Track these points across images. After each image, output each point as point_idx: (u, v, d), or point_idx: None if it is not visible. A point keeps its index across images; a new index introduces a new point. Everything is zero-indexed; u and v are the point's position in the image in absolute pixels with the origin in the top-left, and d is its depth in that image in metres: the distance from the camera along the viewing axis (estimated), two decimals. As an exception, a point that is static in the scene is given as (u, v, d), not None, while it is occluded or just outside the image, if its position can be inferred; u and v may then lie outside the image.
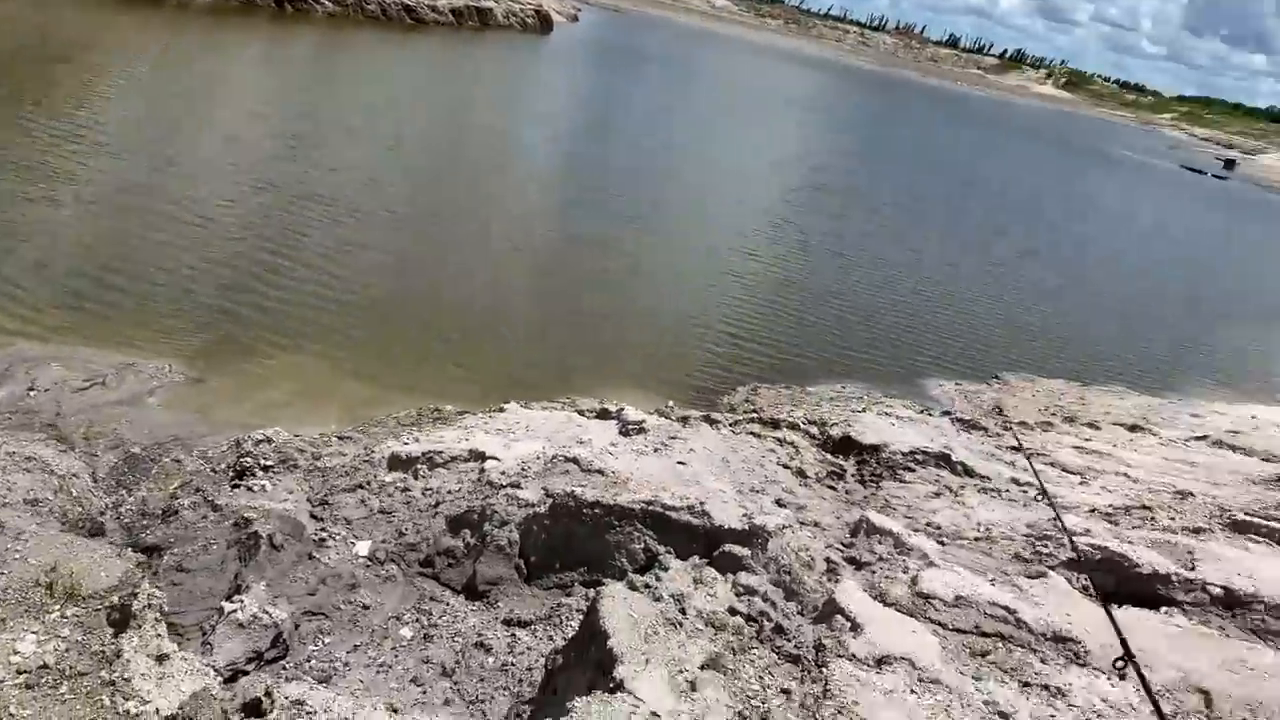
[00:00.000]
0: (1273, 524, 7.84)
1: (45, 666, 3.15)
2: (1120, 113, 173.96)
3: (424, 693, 5.24)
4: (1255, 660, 5.09)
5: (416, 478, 7.32)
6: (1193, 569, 6.55)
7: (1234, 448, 11.88)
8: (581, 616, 5.75)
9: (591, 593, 6.24)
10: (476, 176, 22.26)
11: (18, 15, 28.01)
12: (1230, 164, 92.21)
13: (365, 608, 5.98)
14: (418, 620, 6.00)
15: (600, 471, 7.12)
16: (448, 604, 6.22)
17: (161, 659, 3.77)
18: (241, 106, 23.39)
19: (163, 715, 3.34)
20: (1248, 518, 8.05)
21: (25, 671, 3.10)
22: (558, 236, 18.85)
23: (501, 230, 18.31)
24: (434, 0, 50.62)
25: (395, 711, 4.30)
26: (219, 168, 17.61)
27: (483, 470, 7.25)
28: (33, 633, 3.28)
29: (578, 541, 6.56)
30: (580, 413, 9.27)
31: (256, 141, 20.25)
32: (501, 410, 9.00)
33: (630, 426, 8.66)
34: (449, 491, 7.05)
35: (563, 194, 22.79)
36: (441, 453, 7.57)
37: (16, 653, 3.15)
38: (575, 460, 7.29)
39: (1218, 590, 6.31)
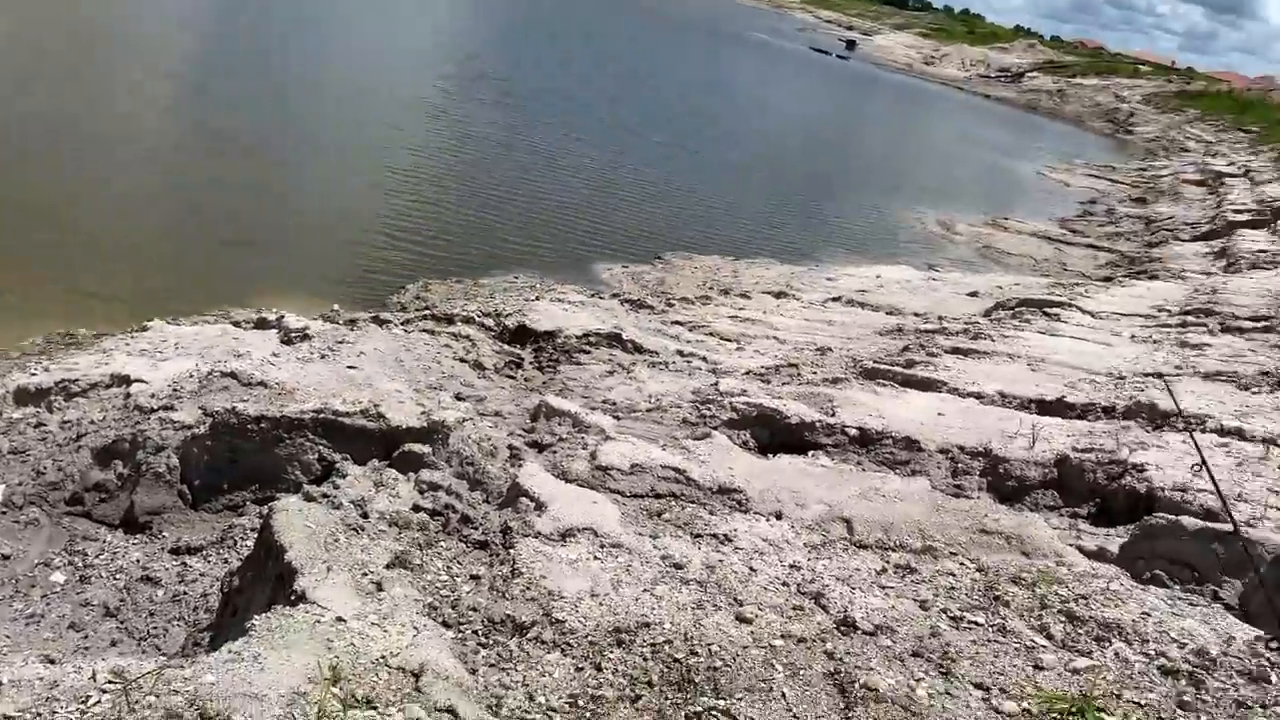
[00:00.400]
0: (895, 369, 8.86)
1: None
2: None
3: (85, 638, 4.81)
4: (885, 488, 5.75)
5: (51, 410, 6.57)
6: (833, 415, 7.26)
7: (863, 305, 13.27)
8: (256, 535, 5.49)
9: (265, 510, 5.96)
10: (94, 79, 19.74)
11: None
12: (851, 45, 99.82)
13: (5, 558, 5.36)
14: (71, 563, 5.46)
15: (263, 384, 6.74)
16: (105, 541, 5.71)
17: None
18: None
19: None
20: (876, 365, 9.05)
21: None
22: (196, 141, 17.22)
23: (134, 135, 16.46)
24: None
25: (52, 662, 3.91)
26: None
27: (129, 395, 6.63)
28: None
29: (245, 459, 6.20)
30: (236, 324, 8.69)
31: None
32: (145, 329, 8.24)
33: (293, 334, 8.24)
34: (92, 422, 6.39)
35: (198, 95, 20.77)
36: (78, 380, 6.83)
37: None
38: (234, 375, 6.84)
39: (854, 431, 7.05)
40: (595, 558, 4.41)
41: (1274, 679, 3.47)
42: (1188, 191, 31.88)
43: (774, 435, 7.21)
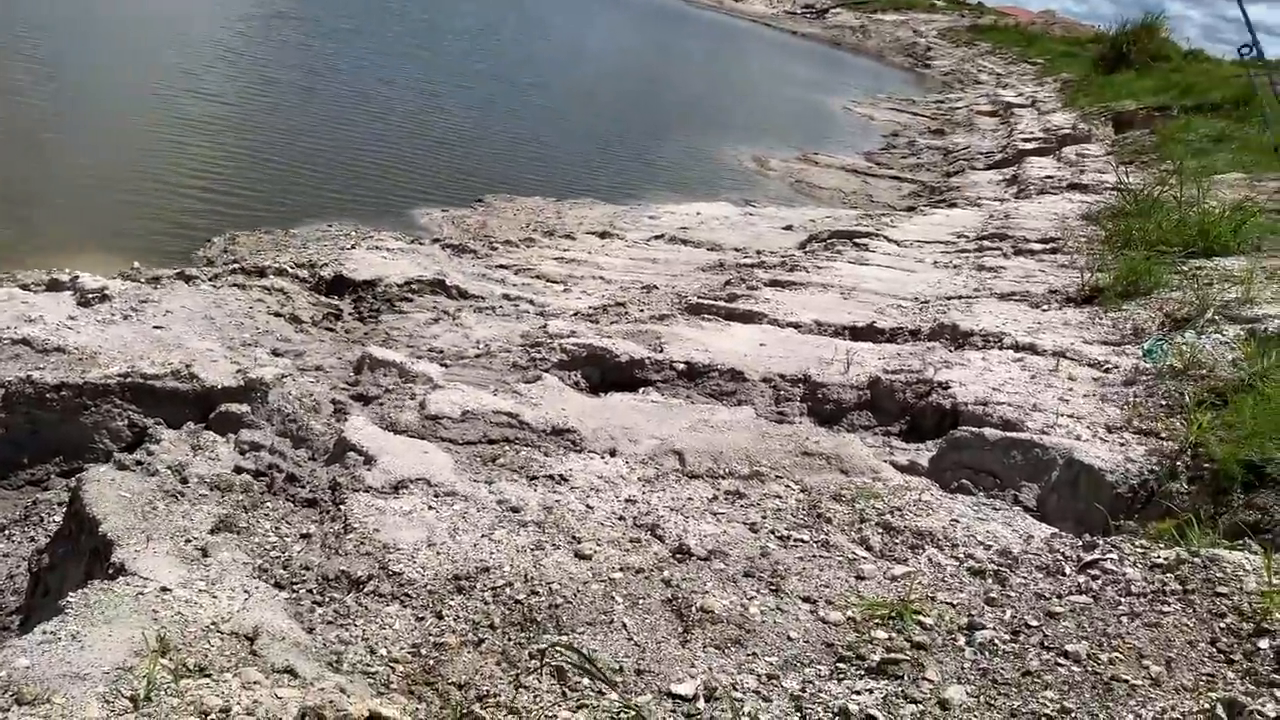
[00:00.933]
0: (718, 303, 9.09)
1: None
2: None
3: (-128, 637, 4.43)
4: (714, 419, 5.93)
5: None
6: (661, 351, 7.39)
7: (685, 242, 13.48)
8: (64, 509, 5.18)
9: (74, 483, 5.62)
10: None
11: None
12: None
13: None
14: None
15: (60, 349, 6.30)
16: (-115, 530, 5.26)
17: None
18: None
19: None
20: (700, 300, 9.25)
21: None
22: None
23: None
24: None
25: None
26: None
27: (-97, 370, 6.07)
28: None
29: (47, 430, 5.81)
30: (24, 287, 8.03)
31: None
32: (-84, 297, 7.52)
33: (90, 295, 7.70)
34: None
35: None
36: None
37: None
38: (26, 341, 6.35)
39: (682, 366, 7.21)
40: (430, 508, 4.39)
41: (1068, 571, 3.81)
42: (981, 122, 33.68)
43: (605, 374, 7.30)
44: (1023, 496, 5.18)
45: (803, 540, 4.19)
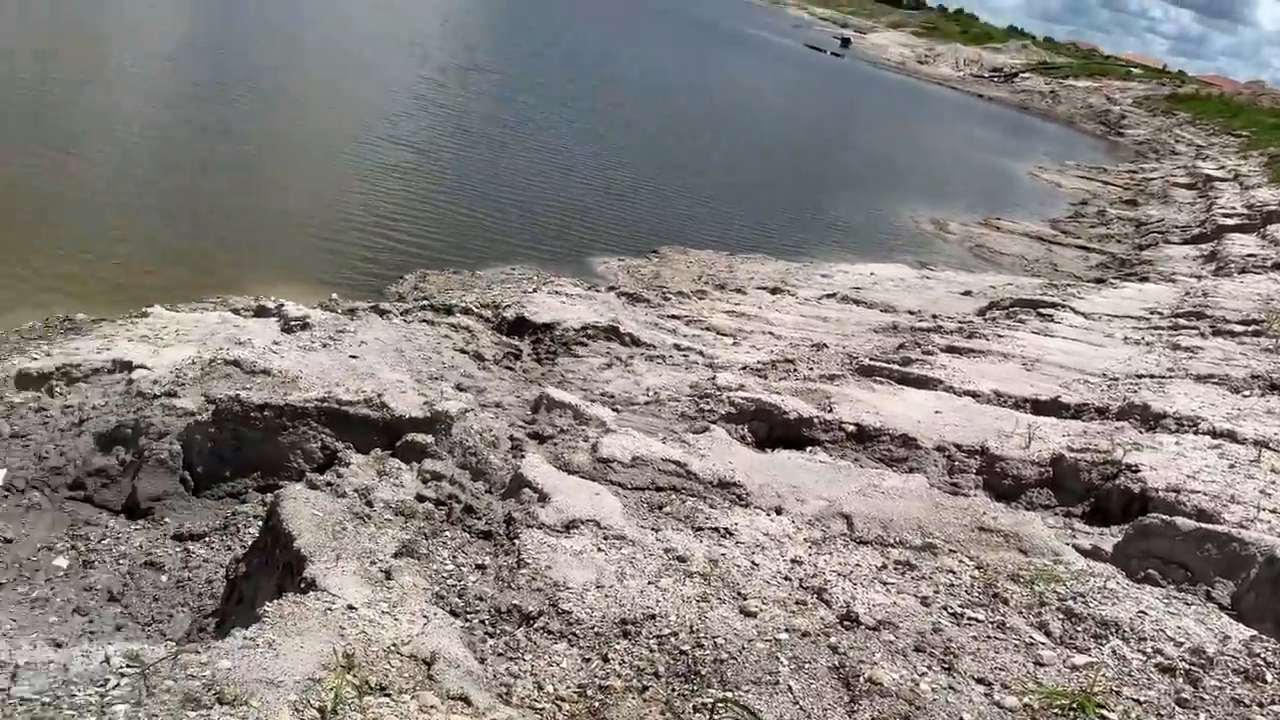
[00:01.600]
0: (891, 366, 8.92)
1: None
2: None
3: (90, 621, 4.83)
4: (884, 484, 5.80)
5: (53, 395, 6.58)
6: (830, 411, 7.31)
7: (858, 302, 13.33)
8: (260, 523, 5.51)
9: (269, 498, 5.98)
10: (97, 70, 19.63)
11: None
12: (846, 42, 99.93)
13: (8, 541, 5.37)
14: (74, 547, 5.48)
15: (266, 371, 6.76)
16: (107, 526, 5.73)
17: None
18: None
19: None
20: (871, 362, 9.11)
21: None
22: (187, 127, 17.17)
23: (123, 120, 16.39)
24: None
25: (59, 646, 3.94)
26: None
27: (131, 381, 6.64)
28: None
29: (248, 447, 6.22)
30: (236, 312, 8.70)
31: None
32: (145, 315, 8.24)
33: (293, 323, 8.26)
34: (94, 407, 6.41)
35: (191, 82, 20.65)
36: (79, 365, 6.84)
37: None
38: (236, 362, 6.85)
39: (852, 428, 7.10)
40: (599, 549, 4.45)
41: (1270, 678, 3.54)
42: (1178, 195, 32.07)
43: (772, 430, 7.26)
44: (1216, 592, 4.83)
45: (977, 619, 4.03)
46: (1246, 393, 8.25)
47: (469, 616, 3.81)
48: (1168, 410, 7.52)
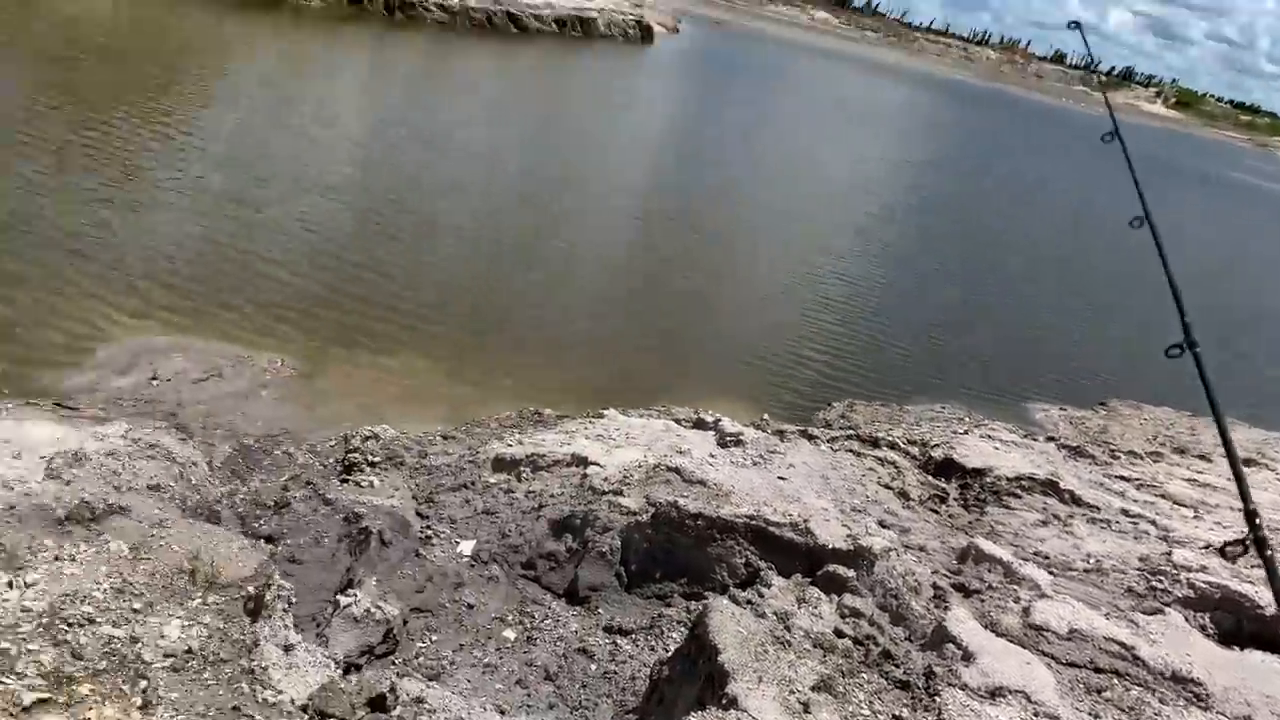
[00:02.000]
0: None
1: (190, 651, 3.26)
2: (1232, 134, 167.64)
3: (528, 695, 5.28)
4: (1391, 715, 4.82)
5: (520, 480, 7.40)
6: (1319, 614, 6.22)
7: (1359, 487, 11.31)
8: (683, 629, 5.75)
9: (692, 605, 6.24)
10: (564, 190, 22.47)
11: (149, 18, 29.21)
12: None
13: (470, 607, 6.07)
14: (521, 622, 6.06)
15: (702, 482, 7.11)
16: (549, 608, 6.27)
17: (289, 649, 3.88)
18: (346, 116, 24.04)
19: (296, 704, 3.44)
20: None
21: (172, 655, 3.22)
22: (646, 251, 18.94)
23: (590, 245, 18.47)
24: (538, 10, 51.17)
25: (502, 713, 4.35)
26: (318, 176, 18.10)
27: (585, 475, 7.30)
28: (178, 618, 3.40)
29: (679, 552, 6.55)
30: (677, 421, 9.27)
31: (355, 149, 20.80)
32: (601, 416, 9.06)
33: (728, 438, 8.63)
34: (551, 495, 7.11)
35: (650, 209, 22.81)
36: (544, 456, 7.64)
37: (164, 637, 3.27)
38: (677, 470, 7.29)
39: (1349, 637, 6.00)
40: (1029, 726, 4.11)
41: None
42: None
43: (1241, 625, 6.33)
44: None
45: None
46: None
47: (885, 770, 3.68)
48: None
